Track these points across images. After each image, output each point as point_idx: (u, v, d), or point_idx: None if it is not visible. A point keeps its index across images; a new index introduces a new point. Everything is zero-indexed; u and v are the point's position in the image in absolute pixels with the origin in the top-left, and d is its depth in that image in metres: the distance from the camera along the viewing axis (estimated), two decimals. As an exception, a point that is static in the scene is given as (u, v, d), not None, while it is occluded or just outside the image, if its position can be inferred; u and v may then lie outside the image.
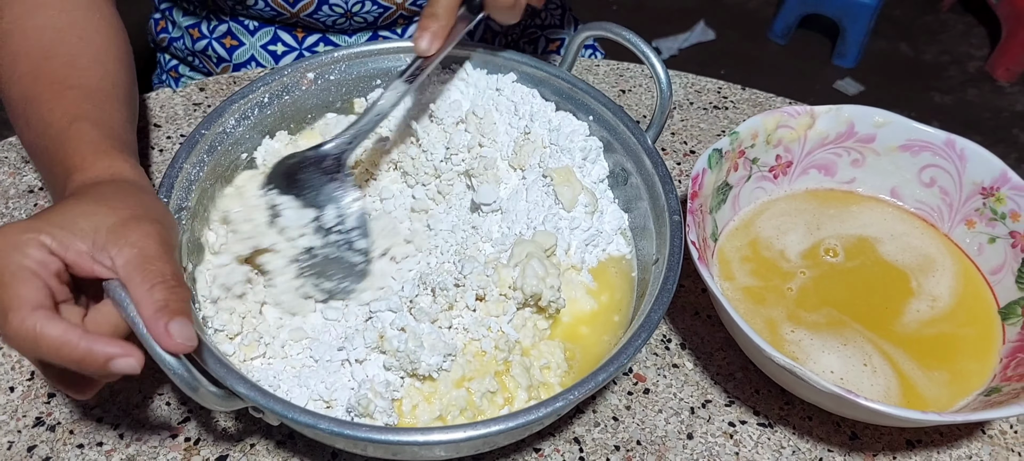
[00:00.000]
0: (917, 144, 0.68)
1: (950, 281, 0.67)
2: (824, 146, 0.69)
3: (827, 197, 0.71)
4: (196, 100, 0.83)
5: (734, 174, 0.66)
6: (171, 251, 0.49)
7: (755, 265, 0.66)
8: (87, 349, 0.43)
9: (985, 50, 2.57)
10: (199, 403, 0.48)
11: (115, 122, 0.60)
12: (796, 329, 0.62)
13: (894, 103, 2.34)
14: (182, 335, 0.45)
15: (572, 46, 0.69)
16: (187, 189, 0.61)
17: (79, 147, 0.56)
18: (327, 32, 0.91)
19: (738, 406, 0.63)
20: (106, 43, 0.65)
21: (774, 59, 2.52)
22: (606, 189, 0.67)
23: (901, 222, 0.70)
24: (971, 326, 0.64)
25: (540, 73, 0.70)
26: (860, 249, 0.68)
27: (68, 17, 0.64)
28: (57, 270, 0.46)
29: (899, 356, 0.61)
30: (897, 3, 2.70)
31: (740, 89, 0.90)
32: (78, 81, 0.61)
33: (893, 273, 0.67)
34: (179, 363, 0.45)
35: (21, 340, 0.43)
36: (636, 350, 0.51)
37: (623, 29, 0.64)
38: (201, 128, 0.63)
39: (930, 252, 0.68)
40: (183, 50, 0.95)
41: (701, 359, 0.65)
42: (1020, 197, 0.65)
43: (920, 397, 0.59)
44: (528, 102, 0.69)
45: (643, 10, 2.61)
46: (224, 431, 0.59)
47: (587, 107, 0.68)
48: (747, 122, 0.65)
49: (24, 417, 0.58)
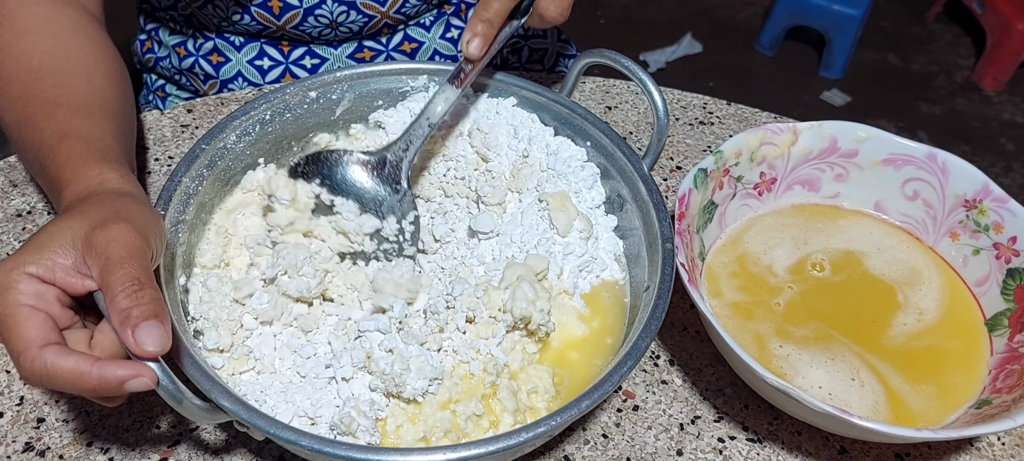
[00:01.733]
0: (900, 158, 0.69)
1: (937, 294, 0.67)
2: (808, 162, 0.70)
3: (813, 212, 0.72)
4: (184, 121, 0.83)
5: (719, 193, 0.67)
6: (137, 251, 0.47)
7: (743, 280, 0.67)
8: (99, 376, 0.44)
9: (972, 60, 2.59)
10: (184, 415, 0.48)
11: (104, 134, 0.61)
12: (784, 344, 0.63)
13: (882, 113, 2.36)
14: (150, 340, 0.44)
15: (572, 73, 0.69)
16: (185, 203, 0.61)
17: (69, 162, 0.57)
18: (313, 44, 0.91)
19: (727, 422, 0.63)
20: (92, 60, 0.66)
21: (762, 71, 2.54)
22: (602, 214, 0.67)
23: (887, 236, 0.71)
24: (957, 338, 0.64)
25: (540, 98, 0.70)
26: (847, 263, 0.69)
27: (54, 39, 0.65)
28: (56, 296, 0.46)
29: (886, 370, 0.62)
30: (884, 14, 2.73)
31: (726, 104, 0.91)
32: (66, 99, 0.61)
33: (880, 287, 0.67)
34: (164, 374, 0.45)
35: (37, 380, 0.44)
36: (622, 377, 0.51)
37: (621, 57, 0.64)
38: (201, 143, 0.64)
39: (916, 265, 0.69)
40: (170, 69, 0.95)
41: (690, 375, 0.66)
42: (1002, 209, 0.66)
43: (909, 411, 0.60)
44: (527, 126, 0.69)
45: (631, 23, 2.62)
46: (215, 452, 0.59)
47: (585, 133, 0.68)
48: (731, 140, 0.66)
49: (14, 443, 0.58)
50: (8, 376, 0.62)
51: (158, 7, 0.92)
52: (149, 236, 0.50)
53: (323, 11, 0.86)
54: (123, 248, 0.47)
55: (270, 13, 0.86)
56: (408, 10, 0.89)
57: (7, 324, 0.45)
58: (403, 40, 0.93)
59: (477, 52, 0.62)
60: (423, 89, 0.71)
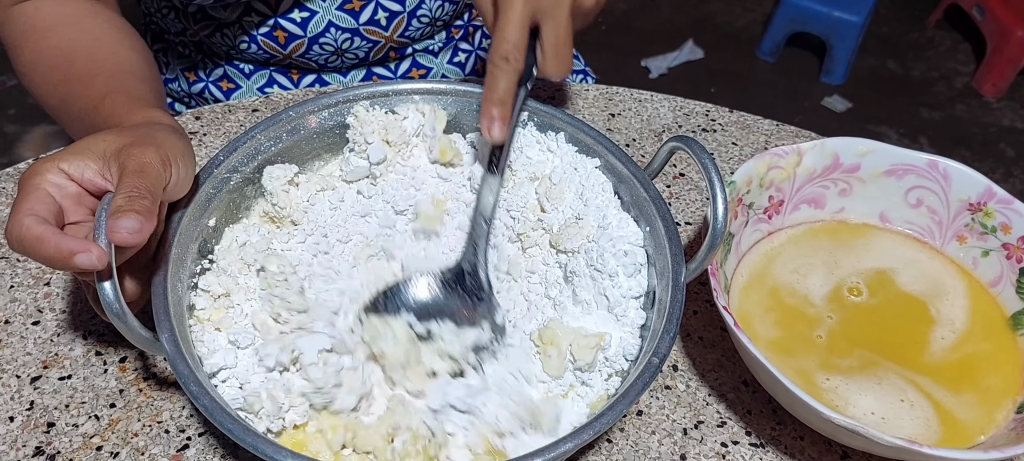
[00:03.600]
0: (901, 168, 0.69)
1: (962, 301, 0.68)
2: (812, 181, 0.70)
3: (838, 231, 0.72)
4: (192, 128, 0.84)
5: (735, 222, 0.67)
6: (153, 170, 0.51)
7: (779, 314, 0.66)
8: (55, 245, 0.48)
9: (971, 66, 2.60)
10: (127, 338, 0.51)
11: (143, 91, 0.66)
12: (831, 377, 0.62)
13: (882, 119, 2.37)
14: (121, 223, 0.47)
15: (661, 153, 0.64)
16: (253, 156, 0.64)
17: (115, 112, 0.62)
18: (321, 72, 0.92)
19: (730, 427, 0.63)
20: (115, 38, 0.72)
21: (763, 77, 2.55)
22: (637, 307, 0.61)
23: (909, 248, 0.71)
24: (987, 341, 0.65)
25: (623, 169, 0.65)
26: (880, 283, 0.69)
27: (77, 29, 0.71)
28: (74, 193, 0.52)
29: (930, 386, 0.62)
30: (884, 20, 2.74)
31: (728, 111, 0.92)
32: (101, 70, 0.68)
33: (914, 304, 0.68)
34: (112, 288, 0.49)
35: (12, 240, 0.49)
36: (606, 426, 0.50)
37: (703, 150, 0.59)
38: (289, 110, 0.65)
39: (939, 276, 0.69)
40: (179, 92, 0.96)
41: (693, 381, 0.66)
42: (1008, 210, 0.66)
43: (957, 422, 0.60)
44: (598, 193, 0.65)
45: (632, 30, 2.63)
46: (222, 457, 0.59)
47: (650, 219, 0.62)
48: (741, 170, 0.66)
49: (24, 447, 0.59)
50: (18, 381, 0.62)
51: (167, 31, 0.93)
52: (173, 161, 0.54)
53: (327, 39, 0.87)
54: (140, 163, 0.51)
55: (275, 42, 0.87)
56: (412, 34, 0.90)
57: (21, 196, 0.50)
58: (411, 66, 0.94)
59: (500, 136, 0.61)
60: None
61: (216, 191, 0.62)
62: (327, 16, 0.86)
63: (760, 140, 0.89)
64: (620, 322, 0.59)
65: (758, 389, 0.66)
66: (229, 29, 0.87)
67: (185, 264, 0.58)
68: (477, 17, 0.98)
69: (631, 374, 0.56)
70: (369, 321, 0.59)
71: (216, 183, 0.62)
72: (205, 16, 0.86)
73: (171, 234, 0.57)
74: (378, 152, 0.65)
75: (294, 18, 0.85)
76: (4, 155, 2.09)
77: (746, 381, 0.66)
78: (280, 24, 0.86)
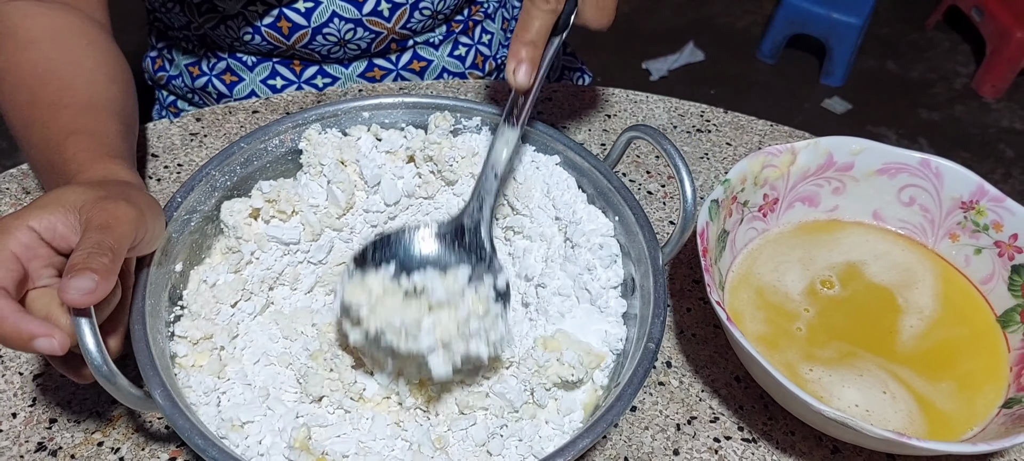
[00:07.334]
0: (893, 167, 0.70)
1: (930, 288, 0.69)
2: (806, 179, 0.71)
3: (813, 228, 0.73)
4: (193, 130, 0.85)
5: (729, 220, 0.68)
6: (120, 226, 0.49)
7: (766, 312, 0.67)
8: (14, 325, 0.45)
9: (971, 67, 2.61)
10: (116, 398, 0.49)
11: (109, 132, 0.63)
12: (813, 368, 0.63)
13: (882, 121, 2.38)
14: (74, 285, 0.44)
15: (619, 143, 0.65)
16: (210, 194, 0.62)
17: (76, 156, 0.59)
18: (324, 63, 0.93)
19: (722, 422, 0.64)
20: (95, 64, 0.68)
21: (763, 79, 2.56)
22: (616, 297, 0.61)
23: (883, 242, 0.72)
24: (962, 327, 0.66)
25: (582, 162, 0.65)
26: (851, 276, 0.70)
27: (57, 47, 0.68)
28: (43, 254, 0.49)
29: (909, 376, 0.63)
30: (883, 22, 2.74)
31: (722, 112, 0.93)
32: (71, 100, 0.64)
33: (882, 294, 0.69)
34: (97, 350, 0.46)
35: None
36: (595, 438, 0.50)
37: (663, 138, 0.60)
38: (240, 142, 0.64)
39: (910, 265, 0.70)
40: (182, 87, 0.97)
41: (686, 377, 0.67)
42: (1000, 208, 0.67)
43: (941, 413, 0.61)
44: (562, 189, 0.65)
45: (633, 32, 2.64)
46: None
47: (617, 209, 0.63)
48: (735, 168, 0.67)
49: (26, 442, 0.60)
50: (21, 378, 0.63)
51: (171, 27, 0.94)
52: (144, 221, 0.52)
53: (331, 29, 0.88)
54: (107, 219, 0.48)
55: (279, 32, 0.88)
56: (414, 25, 0.91)
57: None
58: (412, 59, 0.95)
59: (526, 81, 0.55)
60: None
61: (178, 234, 0.59)
62: (331, 6, 0.86)
63: (755, 140, 0.89)
64: (604, 313, 0.61)
65: (750, 385, 0.66)
66: (233, 20, 0.88)
67: (160, 314, 0.56)
68: (477, 12, 0.99)
69: (627, 364, 0.56)
70: (351, 282, 0.56)
71: (177, 226, 0.59)
72: (210, 8, 0.87)
73: (141, 286, 0.55)
74: (393, 193, 0.65)
75: (298, 8, 0.86)
76: (9, 158, 2.10)
77: (738, 377, 0.67)
78: (284, 14, 0.86)
